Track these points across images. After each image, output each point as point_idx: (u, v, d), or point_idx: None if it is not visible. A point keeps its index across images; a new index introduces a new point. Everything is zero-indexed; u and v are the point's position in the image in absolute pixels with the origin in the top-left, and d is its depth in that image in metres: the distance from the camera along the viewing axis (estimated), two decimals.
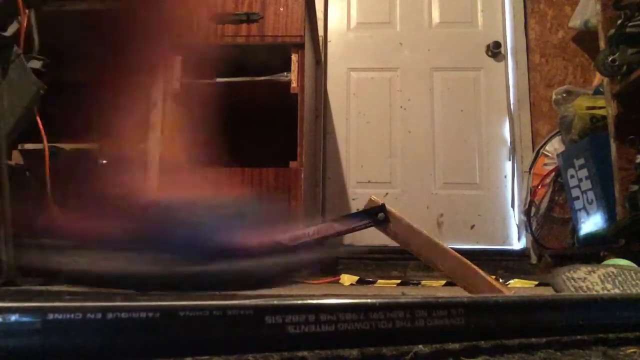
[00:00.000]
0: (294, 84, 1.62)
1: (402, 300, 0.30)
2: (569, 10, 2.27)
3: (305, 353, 0.30)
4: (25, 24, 1.23)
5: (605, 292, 0.65)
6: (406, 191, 2.36)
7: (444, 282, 1.27)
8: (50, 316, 0.23)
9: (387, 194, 2.35)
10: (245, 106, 1.94)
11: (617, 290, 0.66)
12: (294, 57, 1.64)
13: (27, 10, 1.24)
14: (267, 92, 1.74)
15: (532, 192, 2.05)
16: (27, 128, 1.33)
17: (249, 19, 1.63)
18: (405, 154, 2.39)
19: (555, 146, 2.02)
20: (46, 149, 1.46)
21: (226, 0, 1.65)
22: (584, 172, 1.63)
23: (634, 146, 1.43)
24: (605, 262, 0.83)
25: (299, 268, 0.79)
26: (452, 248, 0.74)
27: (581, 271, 0.71)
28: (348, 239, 2.22)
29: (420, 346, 0.32)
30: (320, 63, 2.36)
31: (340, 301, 0.28)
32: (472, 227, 2.28)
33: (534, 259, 2.15)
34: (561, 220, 1.93)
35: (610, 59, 1.38)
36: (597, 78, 1.86)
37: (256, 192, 1.52)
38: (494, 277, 0.74)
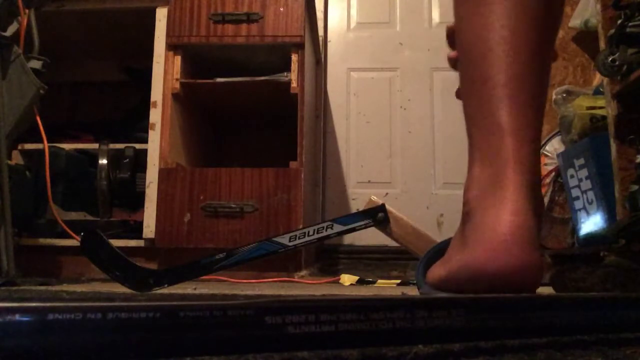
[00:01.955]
0: (294, 84, 1.62)
1: (402, 300, 0.30)
2: (569, 10, 2.26)
3: (305, 353, 0.30)
4: (25, 24, 1.23)
5: (605, 292, 0.65)
6: (406, 191, 2.36)
7: None
8: (50, 316, 0.23)
9: (387, 194, 2.35)
10: (245, 106, 1.94)
11: (617, 291, 0.66)
12: (294, 57, 1.64)
13: (27, 10, 1.24)
14: (267, 92, 1.74)
15: None
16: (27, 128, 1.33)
17: (249, 19, 1.63)
18: (405, 154, 2.39)
19: (555, 146, 2.02)
20: (46, 149, 1.46)
21: (226, 0, 1.64)
22: (584, 172, 1.62)
23: (634, 146, 1.43)
24: (606, 262, 0.82)
25: None
26: None
27: (581, 271, 0.71)
28: (348, 238, 2.22)
29: (420, 346, 0.32)
30: (320, 63, 2.36)
31: (340, 301, 0.28)
32: None
33: None
34: (561, 220, 1.93)
35: (610, 59, 1.38)
36: (597, 78, 1.86)
37: (256, 192, 1.52)
38: None
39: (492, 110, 0.47)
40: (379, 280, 1.37)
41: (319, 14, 2.31)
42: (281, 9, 1.63)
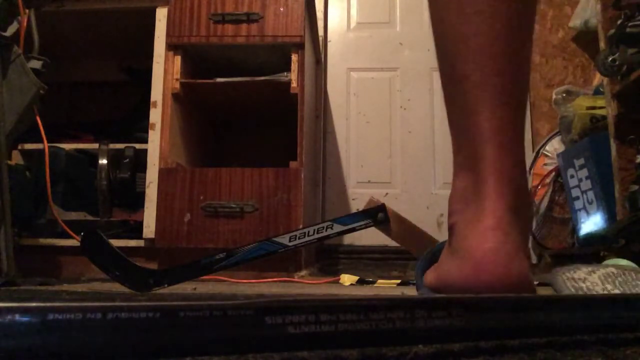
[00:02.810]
0: (294, 84, 1.62)
1: (402, 300, 0.30)
2: (569, 10, 2.26)
3: (305, 353, 0.30)
4: (25, 24, 1.23)
5: (606, 292, 0.65)
6: (406, 191, 2.36)
7: None
8: (50, 316, 0.23)
9: (387, 194, 2.35)
10: (245, 106, 1.94)
11: (617, 291, 0.66)
12: (294, 57, 1.64)
13: (27, 10, 1.24)
14: (267, 92, 1.74)
15: (532, 192, 2.05)
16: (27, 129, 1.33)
17: (249, 19, 1.63)
18: (405, 154, 2.39)
19: (555, 146, 2.02)
20: (46, 149, 1.46)
21: (226, 0, 1.64)
22: (584, 172, 1.63)
23: (634, 146, 1.43)
24: (606, 262, 0.83)
25: None
26: None
27: (581, 271, 0.71)
28: (348, 238, 2.22)
29: (420, 346, 0.32)
30: (320, 63, 2.36)
31: (340, 301, 0.28)
32: None
33: (533, 259, 2.15)
34: (561, 220, 1.93)
35: (610, 59, 1.38)
36: (597, 78, 1.86)
37: (256, 192, 1.52)
38: None
39: (471, 114, 0.44)
40: (379, 280, 1.37)
41: (319, 14, 2.31)
42: (281, 9, 1.63)
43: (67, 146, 1.67)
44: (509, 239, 0.42)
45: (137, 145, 1.65)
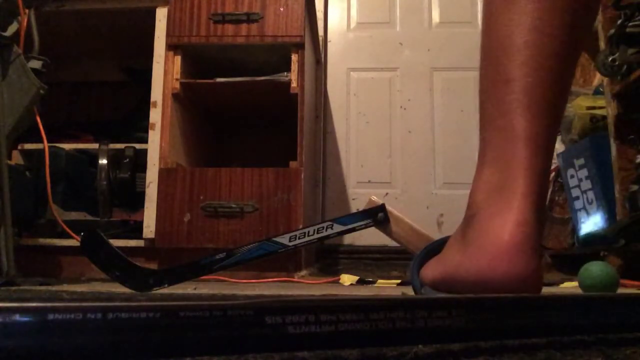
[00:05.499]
0: (294, 84, 1.62)
1: (402, 300, 0.30)
2: None
3: (305, 353, 0.30)
4: (25, 24, 1.23)
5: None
6: (406, 191, 2.36)
7: None
8: (50, 316, 0.23)
9: (387, 194, 2.35)
10: (245, 106, 1.94)
11: None
12: (294, 57, 1.64)
13: (27, 10, 1.24)
14: (267, 92, 1.74)
15: None
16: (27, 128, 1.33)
17: (249, 19, 1.63)
18: (405, 154, 2.39)
19: (555, 146, 2.02)
20: (46, 149, 1.46)
21: (226, 0, 1.64)
22: (584, 172, 1.62)
23: (634, 146, 1.43)
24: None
25: None
26: None
27: None
28: (348, 239, 2.22)
29: (420, 346, 0.32)
30: (320, 63, 2.35)
31: (340, 301, 0.28)
32: None
33: None
34: (561, 220, 1.93)
35: (610, 59, 1.38)
36: (597, 78, 1.86)
37: (256, 192, 1.52)
38: None
39: (510, 115, 0.46)
40: (379, 280, 1.37)
41: (319, 14, 2.31)
42: (281, 9, 1.63)
43: (67, 146, 1.67)
44: (531, 237, 0.43)
45: (137, 145, 1.65)
